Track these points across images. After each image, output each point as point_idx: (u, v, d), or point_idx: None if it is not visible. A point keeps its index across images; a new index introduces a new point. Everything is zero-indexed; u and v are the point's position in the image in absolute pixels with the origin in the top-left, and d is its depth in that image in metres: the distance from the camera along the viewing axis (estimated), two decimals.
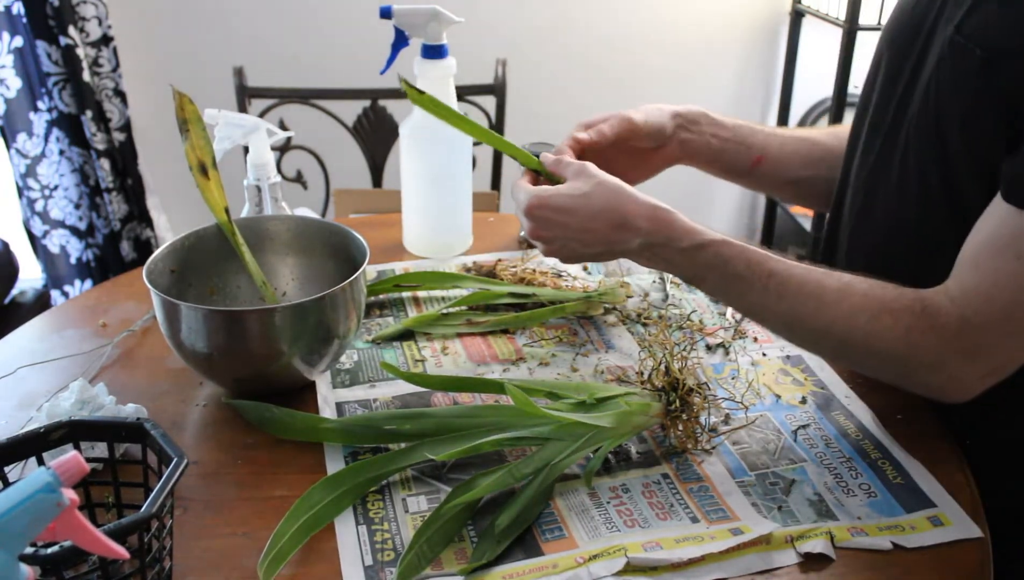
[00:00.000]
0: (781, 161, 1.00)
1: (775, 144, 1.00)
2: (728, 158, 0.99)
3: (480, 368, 0.91)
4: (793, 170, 1.01)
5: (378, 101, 1.77)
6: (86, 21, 2.00)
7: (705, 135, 0.98)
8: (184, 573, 0.66)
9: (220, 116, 1.00)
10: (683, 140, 0.97)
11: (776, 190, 1.08)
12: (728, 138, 0.99)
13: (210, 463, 0.77)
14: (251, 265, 0.91)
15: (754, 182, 1.03)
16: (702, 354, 0.93)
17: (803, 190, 1.04)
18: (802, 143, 1.01)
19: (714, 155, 0.99)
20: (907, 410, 0.85)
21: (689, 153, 0.98)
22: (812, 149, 1.01)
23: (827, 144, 1.01)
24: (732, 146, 0.99)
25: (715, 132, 0.98)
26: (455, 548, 0.68)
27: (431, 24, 1.02)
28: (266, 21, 2.19)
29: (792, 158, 1.01)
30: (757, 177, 1.01)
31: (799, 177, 1.01)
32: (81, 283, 2.24)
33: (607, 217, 0.78)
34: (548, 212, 0.80)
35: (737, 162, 1.00)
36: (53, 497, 0.46)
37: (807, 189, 1.03)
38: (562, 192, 0.80)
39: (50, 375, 0.90)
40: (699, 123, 0.98)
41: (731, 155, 0.99)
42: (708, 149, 0.98)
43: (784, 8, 2.39)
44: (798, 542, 0.68)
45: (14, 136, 2.07)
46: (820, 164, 1.00)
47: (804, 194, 1.05)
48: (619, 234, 0.79)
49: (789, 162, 1.01)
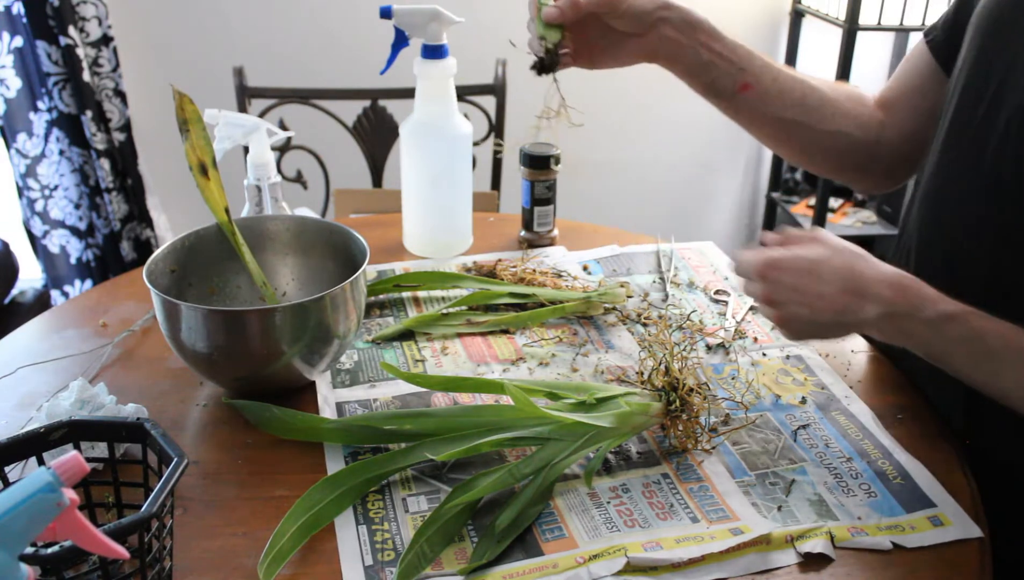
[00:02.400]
0: (769, 95, 0.93)
1: (768, 76, 0.93)
2: (713, 75, 0.92)
3: (480, 368, 0.91)
4: (778, 109, 0.93)
5: (378, 101, 1.77)
6: (86, 21, 2.00)
7: (695, 43, 0.90)
8: (184, 573, 0.66)
9: (220, 116, 1.00)
10: (665, 37, 0.90)
11: (755, 125, 0.98)
12: (720, 53, 0.91)
13: (210, 463, 0.77)
14: (251, 265, 0.91)
15: (733, 110, 0.96)
16: (702, 354, 0.93)
17: (783, 133, 0.96)
18: (798, 84, 0.94)
19: (698, 67, 0.92)
20: (907, 410, 0.85)
21: (669, 54, 0.91)
22: (807, 94, 0.94)
23: (826, 95, 0.95)
24: (721, 64, 0.91)
25: (708, 43, 0.91)
26: (455, 548, 0.68)
27: (431, 24, 1.02)
28: (266, 21, 2.19)
29: (782, 96, 0.93)
30: (738, 105, 0.94)
31: (782, 117, 0.94)
32: (81, 283, 2.24)
33: (844, 283, 0.72)
34: (785, 275, 0.74)
35: (721, 82, 0.92)
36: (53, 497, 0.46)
37: (787, 133, 0.96)
38: (799, 255, 0.74)
39: (50, 375, 0.90)
40: (693, 28, 0.90)
41: (717, 73, 0.92)
42: (693, 58, 0.91)
43: (784, 8, 2.39)
44: (798, 542, 0.68)
45: (14, 136, 2.07)
46: (812, 112, 0.94)
47: (783, 138, 0.97)
48: (856, 302, 0.72)
49: (778, 99, 0.93)
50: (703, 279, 1.08)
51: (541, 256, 1.13)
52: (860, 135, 0.95)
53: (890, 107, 0.97)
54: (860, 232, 2.30)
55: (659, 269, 1.11)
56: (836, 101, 0.95)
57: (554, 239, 1.18)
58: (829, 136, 0.95)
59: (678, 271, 1.11)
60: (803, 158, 0.98)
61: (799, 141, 0.96)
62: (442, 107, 1.07)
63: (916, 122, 0.93)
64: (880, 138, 0.96)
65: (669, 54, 0.91)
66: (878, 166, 0.98)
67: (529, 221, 1.16)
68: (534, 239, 1.17)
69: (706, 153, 2.50)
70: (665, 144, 2.45)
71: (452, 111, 1.08)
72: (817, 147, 0.97)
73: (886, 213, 2.34)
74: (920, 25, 2.08)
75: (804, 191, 2.46)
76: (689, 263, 1.13)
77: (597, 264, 1.12)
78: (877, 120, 0.96)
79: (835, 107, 0.94)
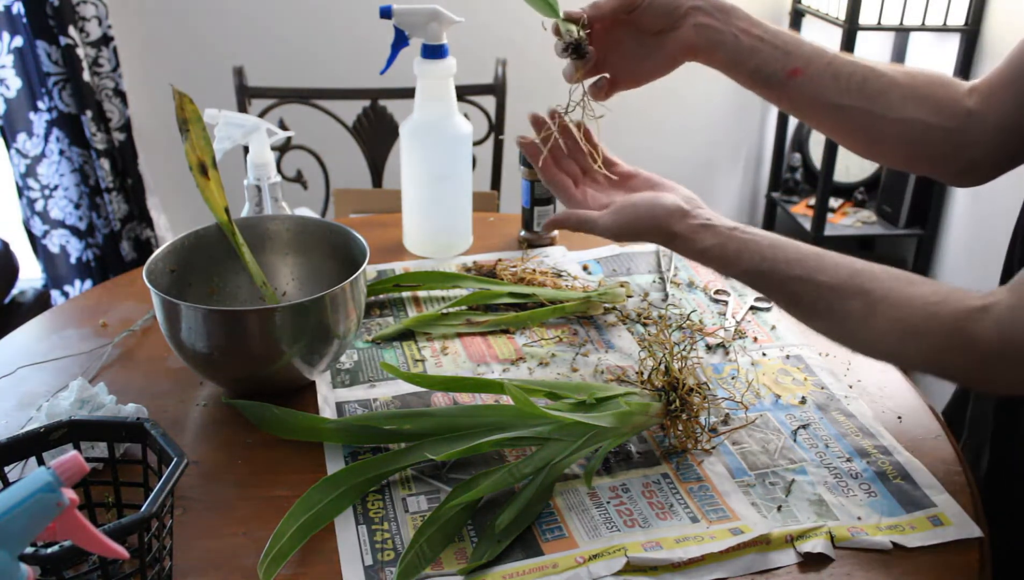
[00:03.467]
0: (823, 79, 0.85)
1: (822, 60, 0.85)
2: (757, 60, 0.85)
3: (480, 368, 0.91)
4: (834, 95, 0.85)
5: (378, 101, 1.77)
6: (86, 21, 2.00)
7: (733, 28, 0.84)
8: (184, 573, 0.66)
9: (220, 116, 1.00)
10: (701, 25, 0.84)
11: (812, 115, 0.89)
12: (761, 37, 0.85)
13: (210, 463, 0.77)
14: (251, 265, 0.91)
15: (785, 98, 0.88)
16: (702, 354, 0.93)
17: (845, 123, 0.88)
18: (858, 68, 0.86)
19: (741, 54, 0.85)
20: (907, 410, 0.85)
21: (708, 43, 0.84)
22: (869, 78, 0.86)
23: (895, 80, 0.86)
24: (766, 48, 0.84)
25: (747, 28, 0.85)
26: (455, 548, 0.68)
27: (431, 24, 1.02)
28: (266, 21, 2.19)
29: (837, 80, 0.85)
30: (790, 92, 0.86)
31: (840, 104, 0.86)
32: (81, 283, 2.24)
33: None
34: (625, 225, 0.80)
35: (768, 68, 0.85)
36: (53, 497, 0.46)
37: (850, 122, 0.87)
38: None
39: (50, 375, 0.90)
40: (727, 13, 0.84)
41: (762, 58, 0.85)
42: (734, 44, 0.84)
43: (784, 8, 2.39)
44: (798, 542, 0.68)
45: (14, 136, 2.07)
46: (876, 98, 0.86)
47: (847, 129, 0.89)
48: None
49: (833, 83, 0.85)
50: (703, 279, 1.08)
51: (541, 256, 1.13)
52: (938, 121, 0.85)
53: (990, 93, 0.86)
54: (860, 232, 2.30)
55: (659, 269, 1.11)
56: (909, 85, 0.86)
57: (554, 239, 1.18)
58: (899, 124, 0.86)
59: (678, 271, 1.11)
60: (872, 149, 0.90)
61: (864, 130, 0.88)
62: (442, 107, 1.07)
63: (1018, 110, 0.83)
64: (966, 126, 0.87)
65: (708, 43, 0.85)
66: (962, 157, 0.88)
67: (529, 221, 1.16)
68: (534, 239, 1.17)
69: (706, 153, 2.50)
70: (665, 144, 2.45)
71: (452, 111, 1.08)
72: (885, 136, 0.88)
73: (886, 213, 2.34)
74: (920, 25, 2.08)
75: (804, 191, 2.45)
76: (689, 263, 1.13)
77: (597, 264, 1.12)
78: (963, 107, 0.87)
79: (906, 92, 0.86)
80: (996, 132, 0.85)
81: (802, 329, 0.96)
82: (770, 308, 1.02)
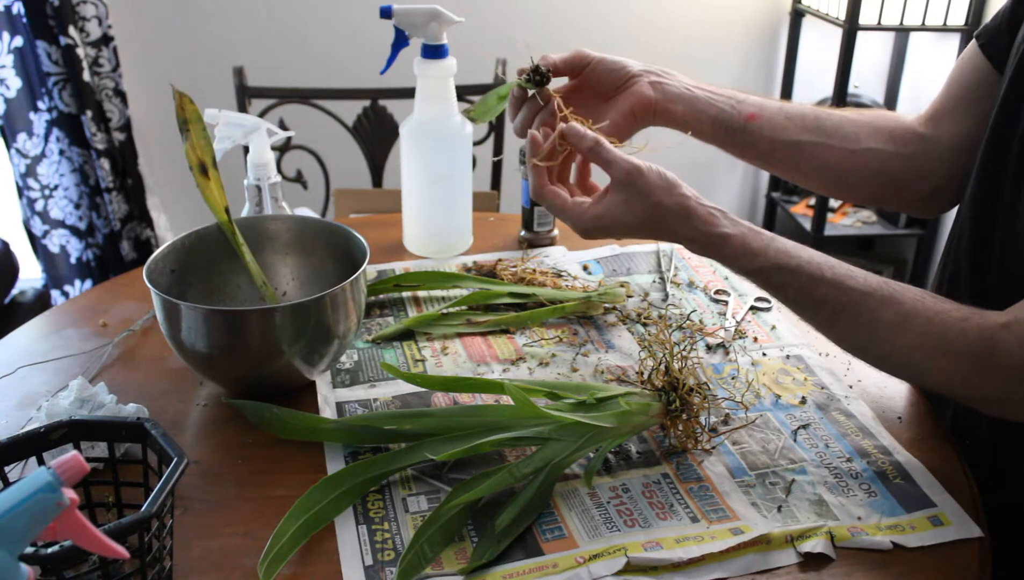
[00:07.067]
0: (779, 121, 0.88)
1: (772, 105, 0.89)
2: (716, 110, 0.88)
3: (480, 368, 0.91)
4: (792, 133, 0.88)
5: (378, 101, 1.77)
6: (86, 21, 2.00)
7: (682, 83, 0.88)
8: (184, 573, 0.66)
9: (220, 116, 1.00)
10: (653, 82, 0.87)
11: (774, 158, 0.91)
12: (712, 91, 0.88)
13: (210, 463, 0.77)
14: (251, 265, 0.91)
15: (748, 144, 0.89)
16: (702, 354, 0.93)
17: (807, 161, 0.89)
18: (808, 109, 0.90)
19: (699, 103, 0.87)
20: (907, 410, 0.85)
21: (666, 97, 0.87)
22: (821, 117, 0.89)
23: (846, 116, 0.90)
24: (719, 99, 0.88)
25: (695, 84, 0.88)
26: (455, 548, 0.68)
27: (431, 24, 1.02)
28: (266, 21, 2.19)
29: (792, 120, 0.88)
30: (751, 135, 0.88)
31: (799, 141, 0.88)
32: (81, 283, 2.24)
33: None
34: (605, 227, 0.79)
35: (726, 115, 0.88)
36: (53, 497, 0.46)
37: (812, 160, 0.89)
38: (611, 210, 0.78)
39: (50, 375, 0.90)
40: (672, 74, 0.89)
41: (720, 107, 0.88)
42: (691, 97, 0.87)
43: (784, 8, 2.39)
44: (798, 542, 0.68)
45: (14, 136, 2.07)
46: (832, 133, 0.88)
47: (810, 166, 0.90)
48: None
49: (789, 123, 0.88)
50: (703, 279, 1.09)
51: (541, 256, 1.13)
52: (895, 149, 0.89)
53: (940, 118, 0.90)
54: (860, 232, 2.30)
55: (659, 269, 1.11)
56: (860, 120, 0.89)
57: (554, 239, 1.18)
58: (859, 155, 0.89)
59: (678, 271, 1.11)
60: (839, 185, 0.91)
61: (827, 168, 0.89)
62: (442, 107, 1.07)
63: (970, 129, 0.86)
64: (924, 151, 0.89)
65: (666, 96, 0.87)
66: (925, 184, 0.90)
67: (529, 221, 1.16)
68: (534, 239, 1.17)
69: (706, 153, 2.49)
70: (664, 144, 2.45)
71: (452, 111, 1.08)
72: (847, 170, 0.90)
73: (886, 213, 2.34)
74: (920, 25, 2.08)
75: (804, 191, 2.46)
76: (689, 263, 1.13)
77: (597, 264, 1.12)
78: (916, 133, 0.90)
79: (859, 125, 0.88)
80: (953, 153, 0.88)
81: (802, 329, 0.96)
82: (770, 308, 1.02)
